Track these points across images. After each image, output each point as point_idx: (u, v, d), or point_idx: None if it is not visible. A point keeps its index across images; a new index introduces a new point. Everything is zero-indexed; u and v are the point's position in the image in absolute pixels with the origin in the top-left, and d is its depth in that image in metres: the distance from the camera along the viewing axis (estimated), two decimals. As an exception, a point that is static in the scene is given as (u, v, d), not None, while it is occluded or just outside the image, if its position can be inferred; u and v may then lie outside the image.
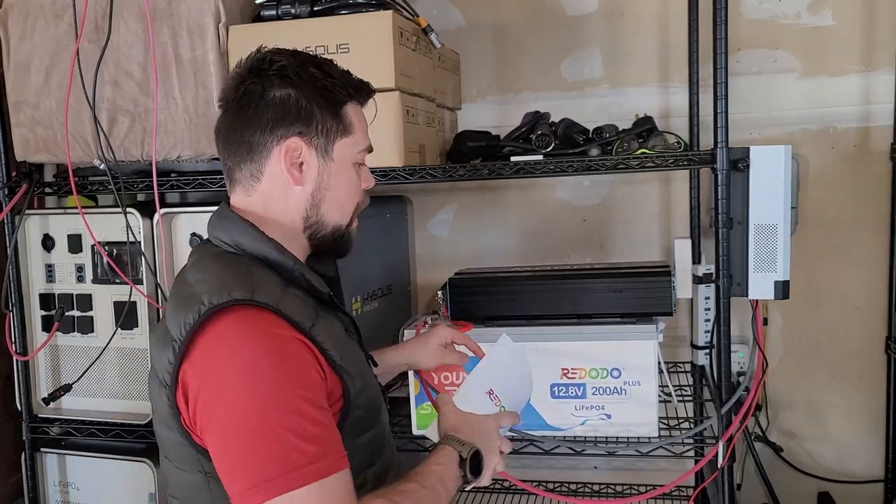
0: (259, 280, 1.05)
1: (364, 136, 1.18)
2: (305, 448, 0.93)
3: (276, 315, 1.01)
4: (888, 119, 2.05)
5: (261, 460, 0.92)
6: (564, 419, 1.72)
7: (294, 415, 0.94)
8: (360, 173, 1.19)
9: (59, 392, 1.84)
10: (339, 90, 1.13)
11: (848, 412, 2.16)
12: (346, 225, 1.19)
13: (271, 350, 0.98)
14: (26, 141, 1.80)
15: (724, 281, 1.57)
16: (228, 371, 0.97)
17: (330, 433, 0.98)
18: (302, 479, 0.92)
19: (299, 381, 0.97)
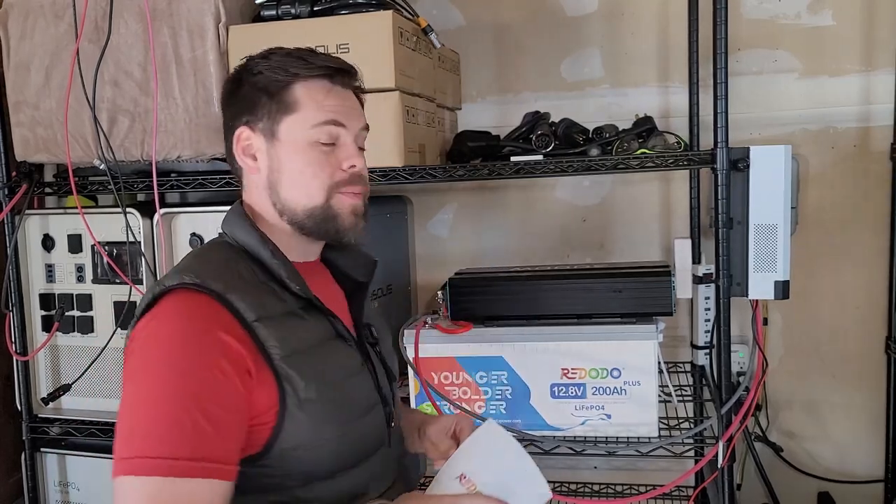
0: (223, 268, 1.06)
1: (318, 111, 1.11)
2: (167, 442, 0.92)
3: (219, 303, 1.00)
4: (888, 119, 2.05)
5: (131, 438, 0.93)
6: (564, 419, 1.72)
7: (177, 409, 0.93)
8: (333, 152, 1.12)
9: (59, 392, 1.84)
10: (277, 71, 1.11)
11: (848, 412, 2.16)
12: (320, 205, 1.12)
13: (187, 342, 0.97)
14: (26, 141, 1.80)
15: (724, 281, 1.57)
16: (144, 348, 0.99)
17: (204, 439, 0.93)
18: (150, 469, 0.91)
19: (197, 381, 0.95)
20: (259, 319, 1.02)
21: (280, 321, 1.05)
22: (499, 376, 1.75)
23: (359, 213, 1.15)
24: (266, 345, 1.01)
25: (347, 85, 1.16)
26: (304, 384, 1.02)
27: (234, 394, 0.97)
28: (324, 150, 1.11)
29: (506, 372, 1.74)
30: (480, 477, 1.07)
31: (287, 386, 1.01)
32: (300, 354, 1.04)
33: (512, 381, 1.74)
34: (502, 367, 1.74)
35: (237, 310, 1.01)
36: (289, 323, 1.06)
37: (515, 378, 1.74)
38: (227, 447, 0.96)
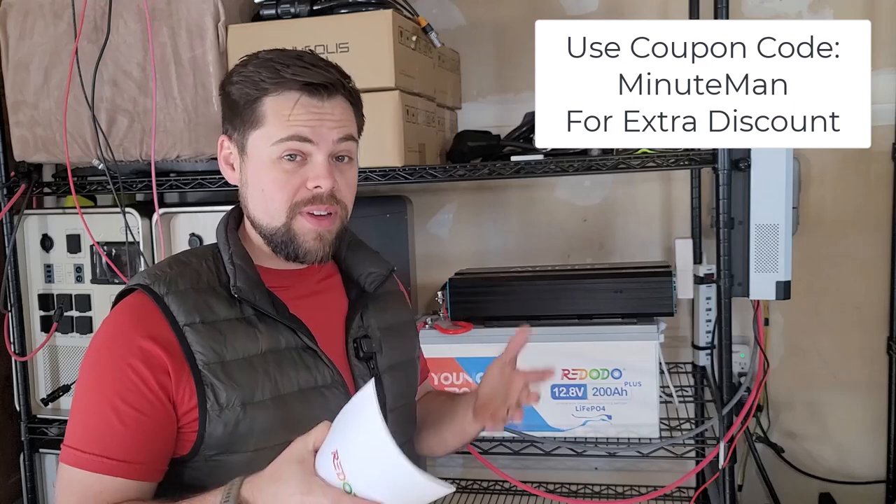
0: (182, 271, 1.07)
1: (282, 126, 1.04)
2: (82, 434, 1.00)
3: (156, 304, 1.03)
4: (889, 119, 2.05)
5: (70, 427, 1.02)
6: (565, 420, 1.71)
7: (94, 405, 1.01)
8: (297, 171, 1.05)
9: (58, 392, 1.83)
10: (248, 84, 1.06)
11: (849, 413, 2.16)
12: (280, 225, 1.07)
13: (111, 341, 1.04)
14: (25, 141, 1.80)
15: (725, 281, 1.57)
16: (91, 347, 1.06)
17: (113, 436, 0.98)
18: (68, 457, 0.99)
19: (112, 379, 1.00)
20: (190, 324, 1.02)
21: (219, 327, 1.03)
22: (499, 377, 1.74)
23: (324, 239, 1.08)
24: (192, 349, 1.01)
25: (329, 96, 1.06)
26: (226, 393, 1.01)
27: (147, 395, 0.99)
28: (287, 168, 1.05)
29: (506, 372, 1.74)
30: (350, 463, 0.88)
31: (209, 392, 1.01)
32: (232, 362, 1.02)
33: (512, 382, 1.73)
34: (502, 368, 1.74)
35: (171, 313, 1.02)
36: (230, 330, 1.04)
37: (516, 379, 1.73)
38: (135, 446, 0.99)
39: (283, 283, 1.12)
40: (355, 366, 1.14)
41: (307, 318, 1.10)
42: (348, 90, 1.10)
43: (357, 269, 1.20)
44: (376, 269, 1.20)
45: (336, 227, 1.10)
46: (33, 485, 1.88)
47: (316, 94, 1.05)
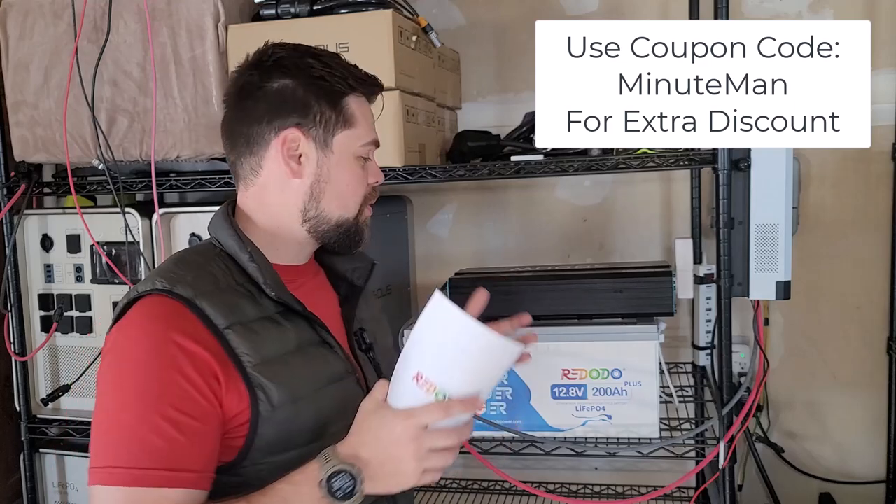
0: (198, 272, 1.04)
1: (368, 129, 1.14)
2: (135, 452, 0.92)
3: (188, 309, 0.99)
4: (889, 119, 2.05)
5: (97, 447, 0.95)
6: (565, 420, 1.71)
7: (138, 418, 0.94)
8: (366, 167, 1.15)
9: (58, 392, 1.83)
10: (339, 81, 1.10)
11: (849, 413, 2.16)
12: (352, 218, 1.14)
13: (149, 349, 0.96)
14: (25, 141, 1.80)
15: (725, 281, 1.56)
16: (113, 355, 0.99)
17: (173, 448, 0.93)
18: (118, 479, 0.92)
19: (160, 388, 0.94)
20: (230, 326, 1.00)
21: (253, 327, 1.02)
22: (499, 377, 1.74)
23: (369, 226, 1.19)
24: (237, 352, 0.99)
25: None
26: (277, 392, 1.00)
27: (200, 401, 0.96)
28: (363, 167, 1.15)
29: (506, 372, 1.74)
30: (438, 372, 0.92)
31: (260, 393, 0.99)
32: (274, 361, 1.02)
33: (512, 382, 1.74)
34: (502, 368, 1.73)
35: (207, 316, 0.99)
36: (263, 329, 1.03)
37: (516, 379, 1.73)
38: (195, 454, 0.95)
39: (288, 278, 1.12)
40: (360, 356, 1.17)
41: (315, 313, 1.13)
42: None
43: (342, 264, 1.22)
44: (361, 263, 1.24)
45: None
46: (33, 485, 1.88)
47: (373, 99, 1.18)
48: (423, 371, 0.92)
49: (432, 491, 2.27)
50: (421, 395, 0.92)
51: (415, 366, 0.93)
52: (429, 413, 0.92)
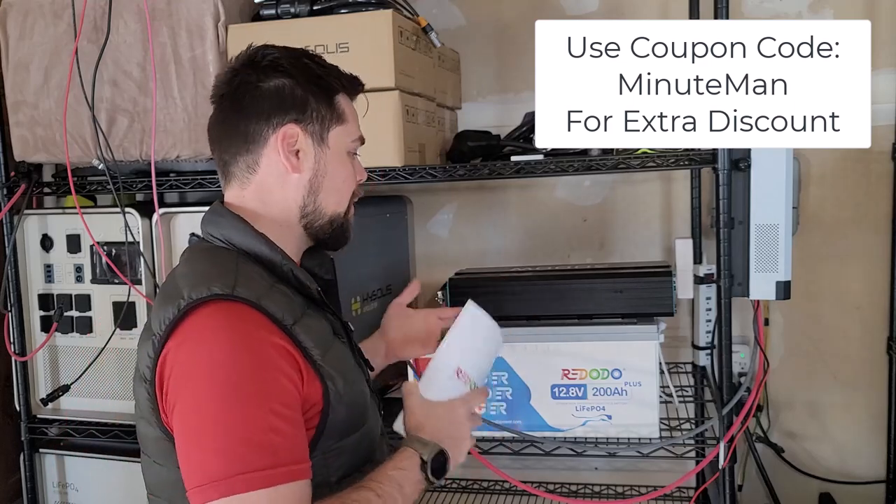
0: (243, 275, 1.04)
1: (356, 126, 1.20)
2: (258, 454, 0.93)
3: (256, 311, 1.00)
4: (889, 119, 2.05)
5: (211, 459, 0.93)
6: (565, 420, 1.71)
7: (252, 420, 0.94)
8: (354, 164, 1.20)
9: (58, 392, 1.83)
10: (333, 80, 1.16)
11: (849, 413, 2.16)
12: (343, 213, 1.19)
13: (242, 350, 0.97)
14: (25, 141, 1.80)
15: (725, 281, 1.56)
16: (198, 366, 0.97)
17: (290, 441, 0.96)
18: (248, 484, 0.92)
19: (264, 386, 0.96)
20: (295, 322, 1.03)
21: (305, 322, 1.06)
22: (499, 377, 1.74)
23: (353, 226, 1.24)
24: (305, 346, 1.03)
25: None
26: (342, 381, 1.07)
27: (295, 394, 1.00)
28: (353, 163, 1.20)
29: (506, 373, 1.74)
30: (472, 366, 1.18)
31: (329, 384, 1.04)
32: (328, 352, 1.07)
33: (512, 382, 1.74)
34: (502, 368, 1.74)
35: (273, 315, 1.01)
36: (310, 323, 1.08)
37: (516, 379, 1.73)
38: (304, 445, 1.00)
39: None
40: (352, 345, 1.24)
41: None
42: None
43: (309, 261, 1.24)
44: (320, 258, 1.27)
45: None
46: (33, 485, 1.88)
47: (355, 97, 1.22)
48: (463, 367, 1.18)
49: (432, 490, 2.27)
50: (461, 386, 1.18)
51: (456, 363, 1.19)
52: (475, 398, 1.20)
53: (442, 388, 1.17)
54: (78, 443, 1.88)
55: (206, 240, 1.14)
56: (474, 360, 1.20)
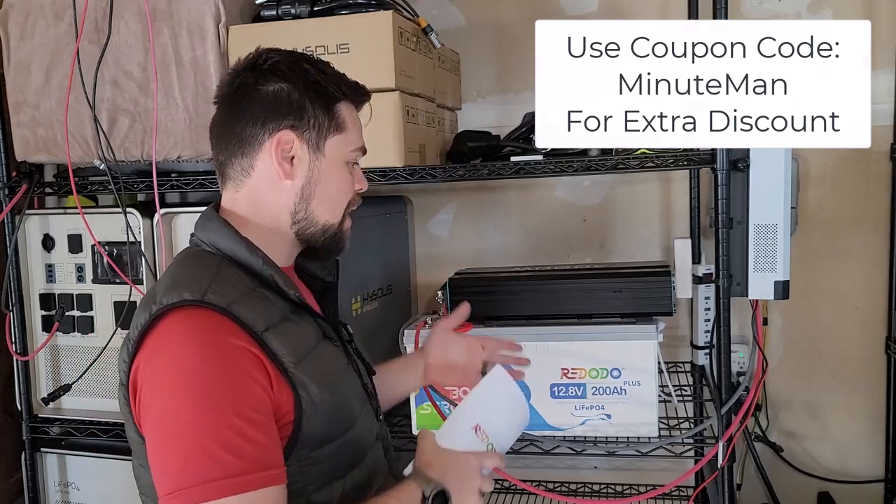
0: (219, 280, 1.04)
1: (358, 136, 1.18)
2: (229, 460, 0.92)
3: (225, 317, 0.99)
4: (888, 119, 2.05)
5: (182, 467, 0.92)
6: (564, 419, 1.72)
7: (220, 426, 0.93)
8: (353, 173, 1.18)
9: (59, 392, 1.83)
10: (332, 87, 1.13)
11: (848, 412, 2.16)
12: (337, 223, 1.17)
13: (210, 356, 0.96)
14: (26, 141, 1.80)
15: (724, 281, 1.57)
16: (167, 374, 0.97)
17: (260, 447, 0.94)
18: (219, 491, 0.91)
19: (233, 392, 0.95)
20: (267, 329, 1.02)
21: (282, 328, 1.05)
22: (499, 376, 1.74)
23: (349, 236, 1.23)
24: (277, 354, 1.01)
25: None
26: (317, 388, 1.04)
27: (265, 398, 0.98)
28: (351, 173, 1.18)
29: (506, 372, 1.74)
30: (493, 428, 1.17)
31: (302, 392, 1.02)
32: (306, 359, 1.05)
33: (512, 381, 1.74)
34: (503, 367, 1.74)
35: (244, 321, 1.00)
36: (289, 329, 1.06)
37: (516, 378, 1.74)
38: (275, 451, 0.97)
39: None
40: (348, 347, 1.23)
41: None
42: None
43: (310, 263, 1.25)
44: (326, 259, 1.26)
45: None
46: (34, 484, 1.88)
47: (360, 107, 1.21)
48: (483, 425, 1.17)
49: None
50: (477, 442, 1.16)
51: (476, 420, 1.17)
52: (489, 458, 1.14)
53: (458, 439, 1.15)
54: (79, 442, 1.88)
55: (197, 244, 1.15)
56: (495, 422, 1.19)
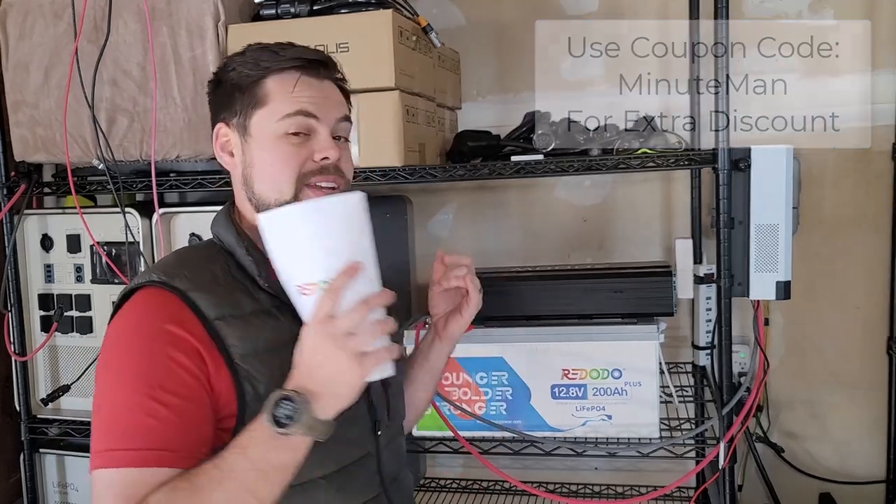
0: (196, 266, 1.07)
1: (287, 102, 1.08)
2: (132, 434, 0.96)
3: (181, 300, 1.02)
4: (889, 119, 2.04)
5: (98, 435, 0.98)
6: (565, 420, 1.71)
7: (131, 402, 0.97)
8: (304, 144, 1.09)
9: (58, 392, 1.83)
10: (250, 65, 1.10)
11: (849, 413, 2.16)
12: (288, 199, 1.08)
13: (139, 335, 1.00)
14: (25, 141, 1.80)
15: (725, 281, 1.57)
16: (107, 345, 1.03)
17: (167, 427, 0.95)
18: (119, 461, 0.95)
19: (150, 371, 0.98)
20: (222, 318, 1.02)
21: (248, 319, 1.04)
22: (499, 377, 1.74)
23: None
24: (227, 343, 1.01)
25: (324, 76, 1.13)
26: (265, 384, 1.02)
27: (190, 382, 0.98)
28: (294, 142, 1.09)
29: (506, 373, 1.74)
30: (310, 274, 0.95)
31: (247, 385, 1.01)
32: (265, 353, 1.04)
33: (512, 382, 1.74)
34: (502, 368, 1.74)
35: (199, 308, 1.02)
36: (259, 321, 1.05)
37: (516, 379, 1.73)
38: (186, 434, 0.97)
39: None
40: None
41: None
42: (341, 78, 1.17)
43: None
44: None
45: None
46: (33, 485, 1.88)
47: (314, 72, 1.11)
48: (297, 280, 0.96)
49: (432, 491, 2.27)
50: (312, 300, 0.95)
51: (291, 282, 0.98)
52: (320, 305, 0.95)
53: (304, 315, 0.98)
54: (78, 443, 1.88)
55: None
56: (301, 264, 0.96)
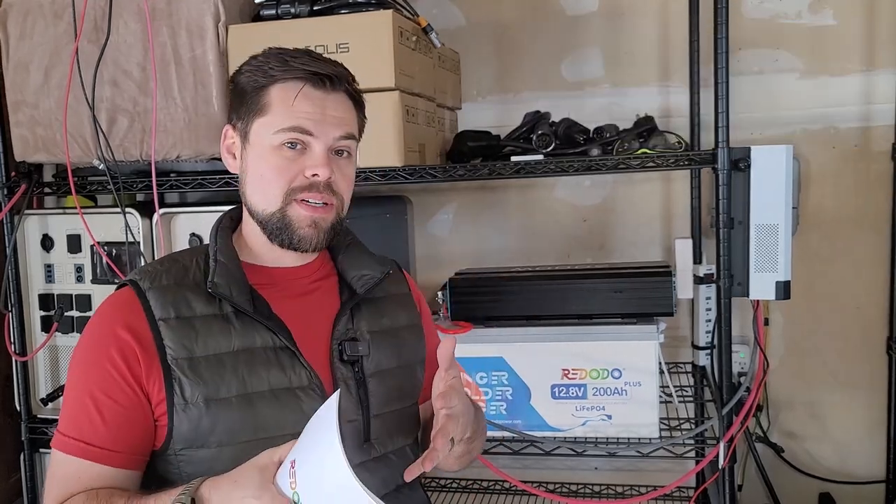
0: (170, 268, 1.10)
1: (286, 116, 1.07)
2: (74, 425, 1.04)
3: (139, 298, 1.06)
4: (889, 119, 2.05)
5: (61, 414, 1.07)
6: (565, 420, 1.71)
7: (74, 397, 1.06)
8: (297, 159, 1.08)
9: (58, 392, 1.83)
10: (257, 72, 1.10)
11: (849, 413, 2.16)
12: (277, 210, 1.08)
13: (90, 335, 1.07)
14: (25, 141, 1.79)
15: (725, 281, 1.57)
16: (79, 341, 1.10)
17: (95, 426, 1.02)
18: (64, 445, 1.04)
19: (90, 371, 1.05)
20: (164, 319, 1.05)
21: (194, 323, 1.06)
22: (499, 377, 1.74)
23: (319, 226, 1.10)
24: (164, 343, 1.04)
25: (331, 89, 1.09)
26: (190, 389, 1.03)
27: (123, 386, 1.03)
28: (287, 156, 1.08)
29: (506, 372, 1.74)
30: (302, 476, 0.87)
31: (175, 386, 1.04)
32: (203, 359, 1.04)
33: (512, 382, 1.74)
34: (503, 368, 1.74)
35: (150, 308, 1.05)
36: (205, 326, 1.05)
37: (516, 379, 1.74)
38: (114, 436, 1.03)
39: (273, 281, 1.13)
40: (337, 368, 1.12)
41: (293, 318, 1.10)
42: (353, 89, 1.14)
43: (350, 270, 1.20)
44: (369, 271, 1.20)
45: (332, 217, 1.12)
46: (33, 484, 1.88)
47: (320, 85, 1.09)
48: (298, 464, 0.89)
49: (432, 491, 2.27)
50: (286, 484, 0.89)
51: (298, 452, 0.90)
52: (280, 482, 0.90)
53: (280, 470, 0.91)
54: (78, 443, 1.88)
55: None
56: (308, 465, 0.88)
